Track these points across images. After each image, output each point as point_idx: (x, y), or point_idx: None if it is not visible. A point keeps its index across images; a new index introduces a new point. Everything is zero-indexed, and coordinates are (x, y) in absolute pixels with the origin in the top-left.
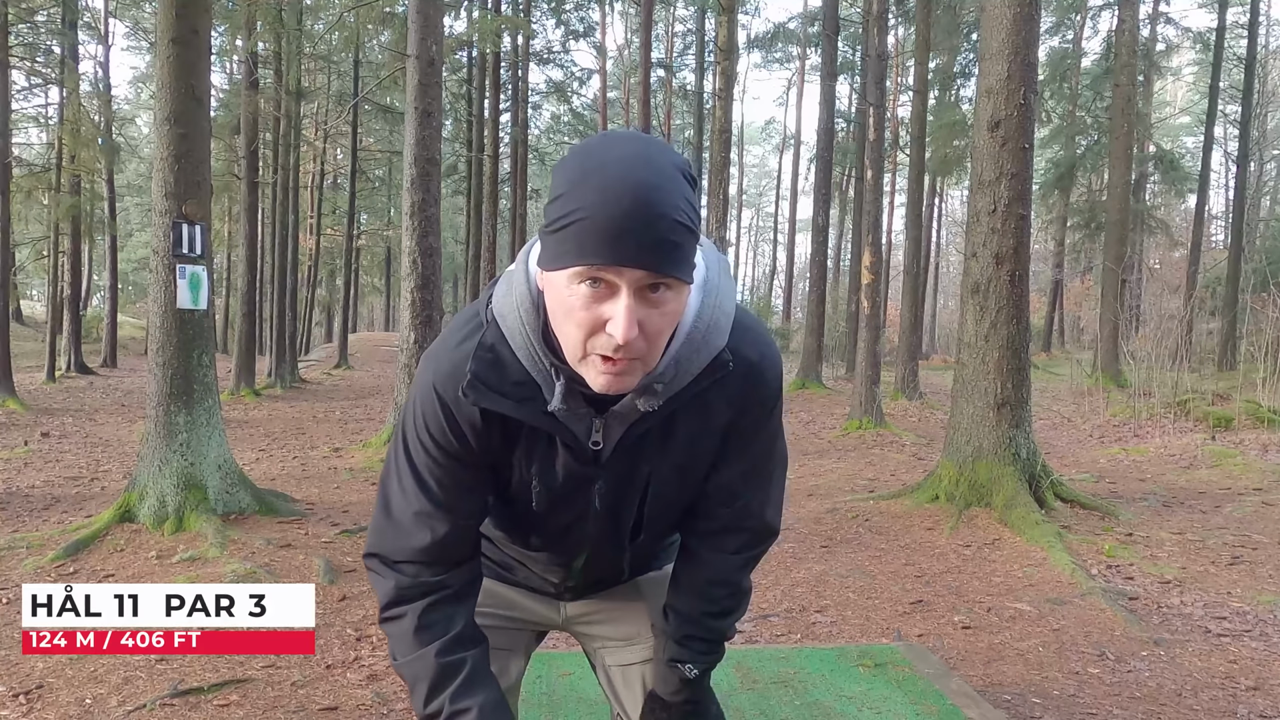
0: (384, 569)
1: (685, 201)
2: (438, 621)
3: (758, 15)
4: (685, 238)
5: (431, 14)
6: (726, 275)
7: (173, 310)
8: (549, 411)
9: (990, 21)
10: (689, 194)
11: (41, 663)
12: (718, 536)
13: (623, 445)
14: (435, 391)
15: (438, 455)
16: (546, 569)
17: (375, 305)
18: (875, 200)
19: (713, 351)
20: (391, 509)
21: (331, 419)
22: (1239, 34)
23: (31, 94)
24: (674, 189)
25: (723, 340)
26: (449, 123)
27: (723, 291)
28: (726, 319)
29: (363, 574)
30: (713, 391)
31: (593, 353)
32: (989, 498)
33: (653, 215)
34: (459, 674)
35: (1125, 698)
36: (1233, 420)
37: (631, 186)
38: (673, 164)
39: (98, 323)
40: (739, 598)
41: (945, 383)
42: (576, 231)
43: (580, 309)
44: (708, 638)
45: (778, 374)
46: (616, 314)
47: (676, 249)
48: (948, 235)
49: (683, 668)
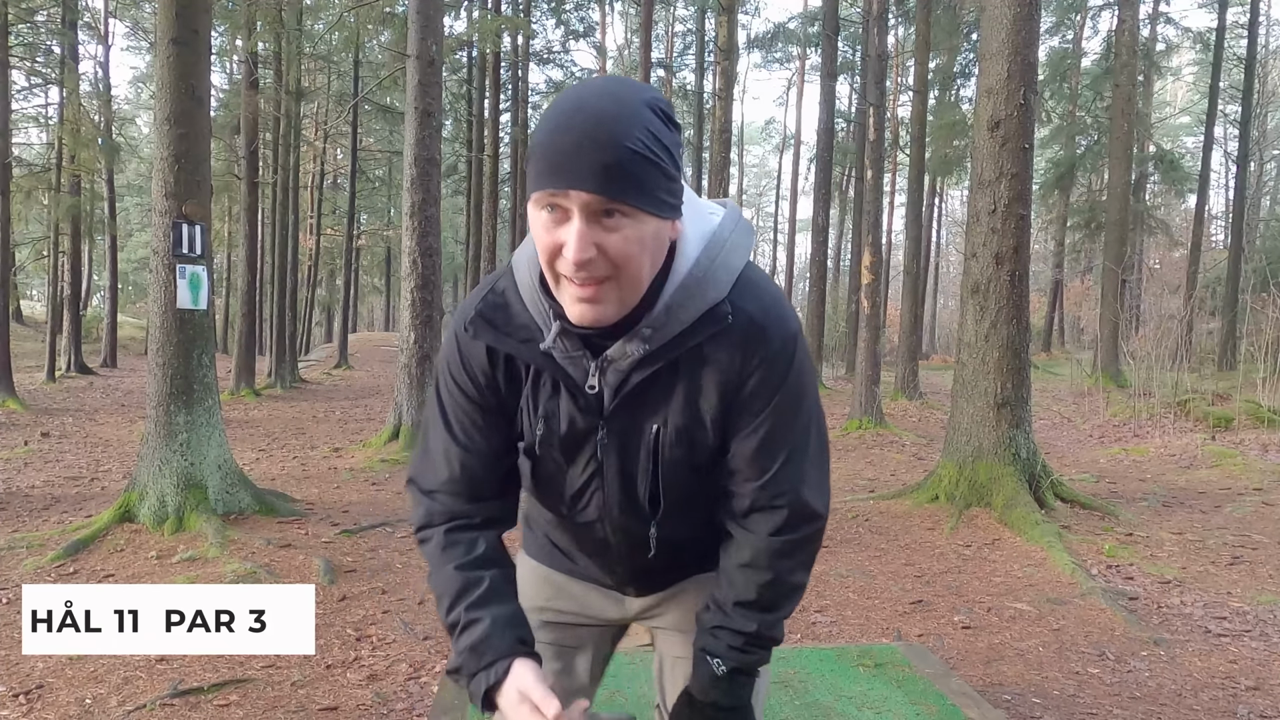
0: (418, 495)
1: (645, 132)
2: (460, 543)
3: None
4: (639, 165)
5: (431, 14)
6: (743, 235)
7: (173, 310)
8: (547, 352)
9: (990, 21)
10: (655, 127)
11: (41, 663)
12: (748, 517)
13: (623, 396)
14: (454, 335)
15: (458, 396)
16: (593, 553)
17: (375, 305)
18: (875, 200)
19: (708, 302)
20: (427, 441)
21: (331, 419)
22: (1239, 34)
23: (31, 94)
24: (632, 119)
25: (720, 293)
26: (449, 123)
27: (732, 247)
28: (729, 273)
29: (362, 574)
30: (711, 346)
31: (562, 275)
32: (989, 498)
33: (600, 140)
34: (477, 589)
35: (1125, 698)
36: (1233, 420)
37: (585, 115)
38: (640, 99)
39: (98, 323)
40: (778, 589)
41: (945, 383)
42: (534, 160)
43: (544, 234)
44: (740, 630)
45: (786, 334)
46: (569, 236)
47: (626, 175)
48: (948, 235)
49: (710, 661)
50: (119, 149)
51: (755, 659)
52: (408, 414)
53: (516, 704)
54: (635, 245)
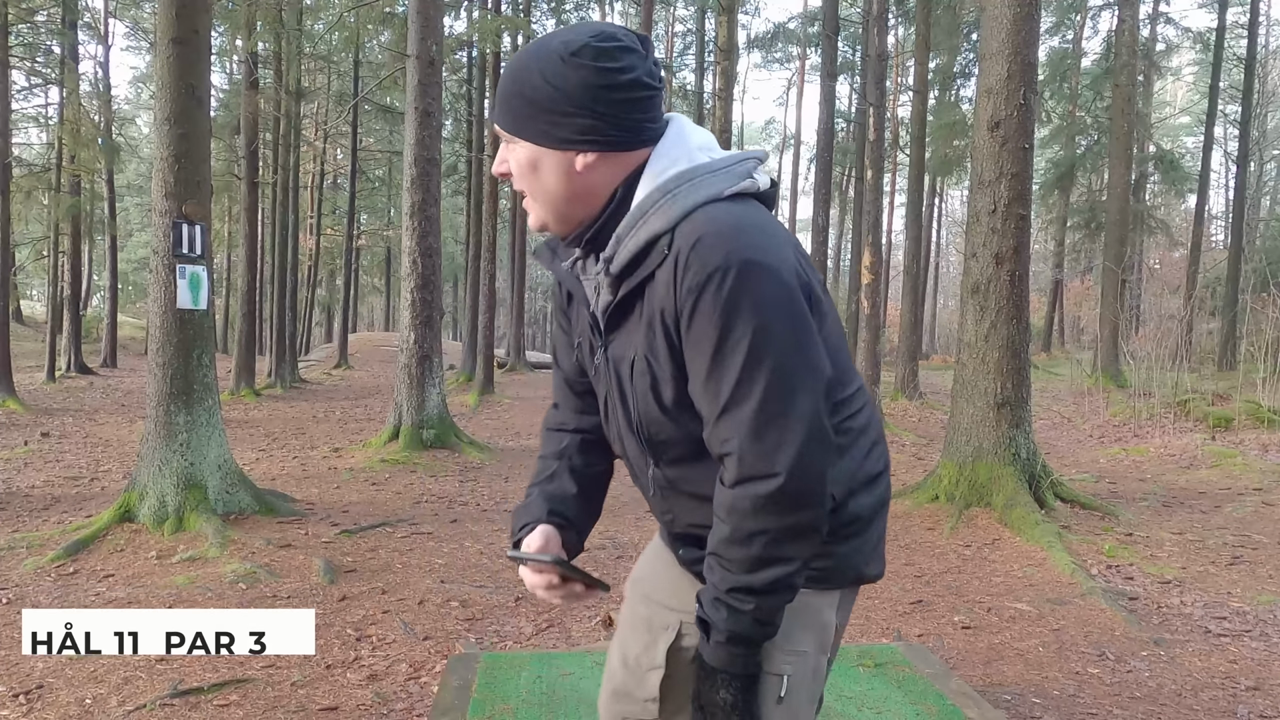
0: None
1: (536, 75)
2: (550, 440)
3: (758, 15)
4: (515, 101)
5: (431, 14)
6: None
7: (173, 310)
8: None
9: (990, 21)
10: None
11: (41, 663)
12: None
13: (607, 321)
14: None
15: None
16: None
17: (375, 305)
18: (875, 200)
19: (651, 232)
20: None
21: (331, 419)
22: (1239, 34)
23: (31, 94)
24: (534, 65)
25: (664, 225)
26: (449, 123)
27: (697, 184)
28: (680, 208)
29: (362, 574)
30: (659, 276)
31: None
32: (989, 498)
33: (505, 77)
34: (545, 472)
35: (1125, 698)
36: (1233, 420)
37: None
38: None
39: (98, 323)
40: (737, 549)
41: (945, 383)
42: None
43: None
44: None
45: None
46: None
47: (507, 109)
48: (948, 235)
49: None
50: (119, 149)
51: (722, 618)
52: (408, 414)
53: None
54: (523, 168)
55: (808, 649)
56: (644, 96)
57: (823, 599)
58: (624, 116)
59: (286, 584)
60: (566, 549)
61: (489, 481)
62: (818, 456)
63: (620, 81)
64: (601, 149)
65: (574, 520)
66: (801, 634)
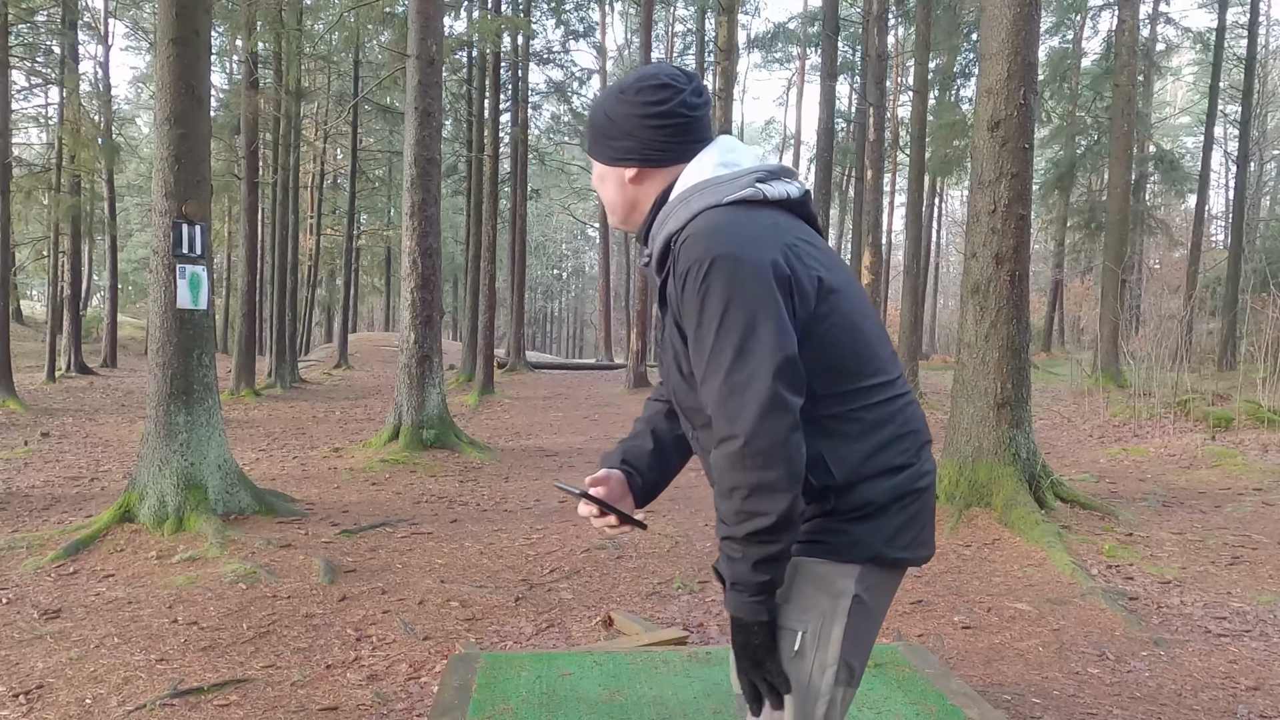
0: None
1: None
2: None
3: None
4: (589, 130)
5: (431, 14)
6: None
7: (173, 310)
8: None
9: (990, 21)
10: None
11: (41, 663)
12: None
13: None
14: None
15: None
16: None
17: (375, 305)
18: (875, 200)
19: (666, 232)
20: None
21: (331, 419)
22: (1239, 34)
23: (31, 94)
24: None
25: (676, 225)
26: (449, 123)
27: (705, 192)
28: (689, 212)
29: (362, 574)
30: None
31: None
32: (989, 498)
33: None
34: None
35: (1125, 698)
36: (1233, 420)
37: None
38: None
39: (98, 323)
40: (726, 502)
41: (945, 383)
42: None
43: None
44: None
45: (692, 258)
46: None
47: (586, 136)
48: (948, 235)
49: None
50: (119, 149)
51: (725, 568)
52: (408, 414)
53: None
54: (606, 188)
55: (821, 611)
56: (677, 123)
57: (837, 569)
58: (658, 139)
59: (286, 584)
60: (635, 494)
61: (489, 481)
62: (774, 423)
63: (654, 112)
64: (640, 164)
65: (643, 472)
66: (815, 596)
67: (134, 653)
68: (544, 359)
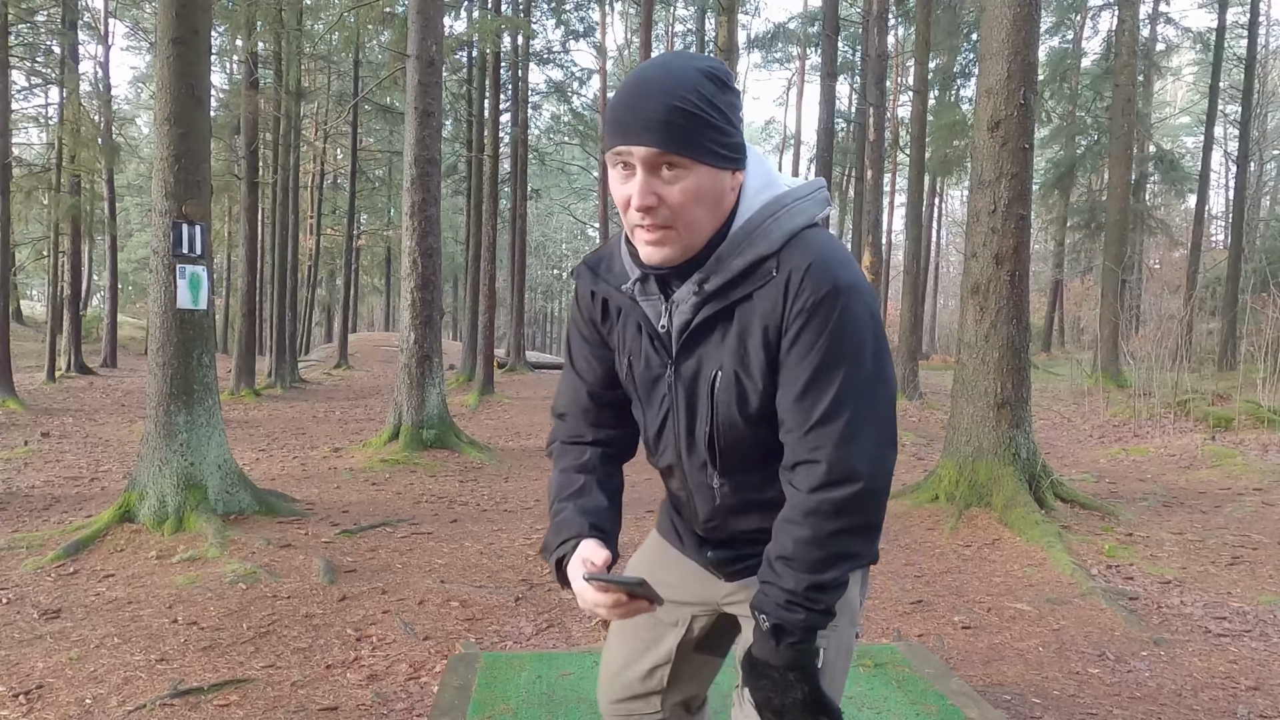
0: (553, 417)
1: (694, 92)
2: (569, 453)
3: (758, 15)
4: (687, 119)
5: (431, 14)
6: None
7: (173, 310)
8: (629, 294)
9: (990, 21)
10: (706, 89)
11: (41, 663)
12: (794, 470)
13: (685, 339)
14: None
15: (575, 333)
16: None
17: (375, 305)
18: (875, 200)
19: (757, 254)
20: (563, 375)
21: (331, 419)
22: (1239, 34)
23: (31, 94)
24: (681, 81)
25: (770, 248)
26: (449, 123)
27: (795, 210)
28: (782, 231)
29: (363, 574)
30: (759, 296)
31: (633, 225)
32: (989, 498)
33: (654, 98)
34: (572, 486)
35: (1125, 698)
36: (1233, 420)
37: (641, 79)
38: (692, 67)
39: (98, 323)
40: (814, 550)
41: (945, 383)
42: (606, 122)
43: (617, 188)
44: (780, 586)
45: (828, 286)
46: (633, 187)
47: (677, 129)
48: (948, 235)
49: (758, 616)
50: (119, 149)
51: (798, 619)
52: (408, 414)
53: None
54: (690, 194)
55: (840, 623)
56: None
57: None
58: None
59: (286, 584)
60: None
61: (489, 481)
62: (890, 461)
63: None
64: (741, 167)
65: (611, 533)
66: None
67: (134, 653)
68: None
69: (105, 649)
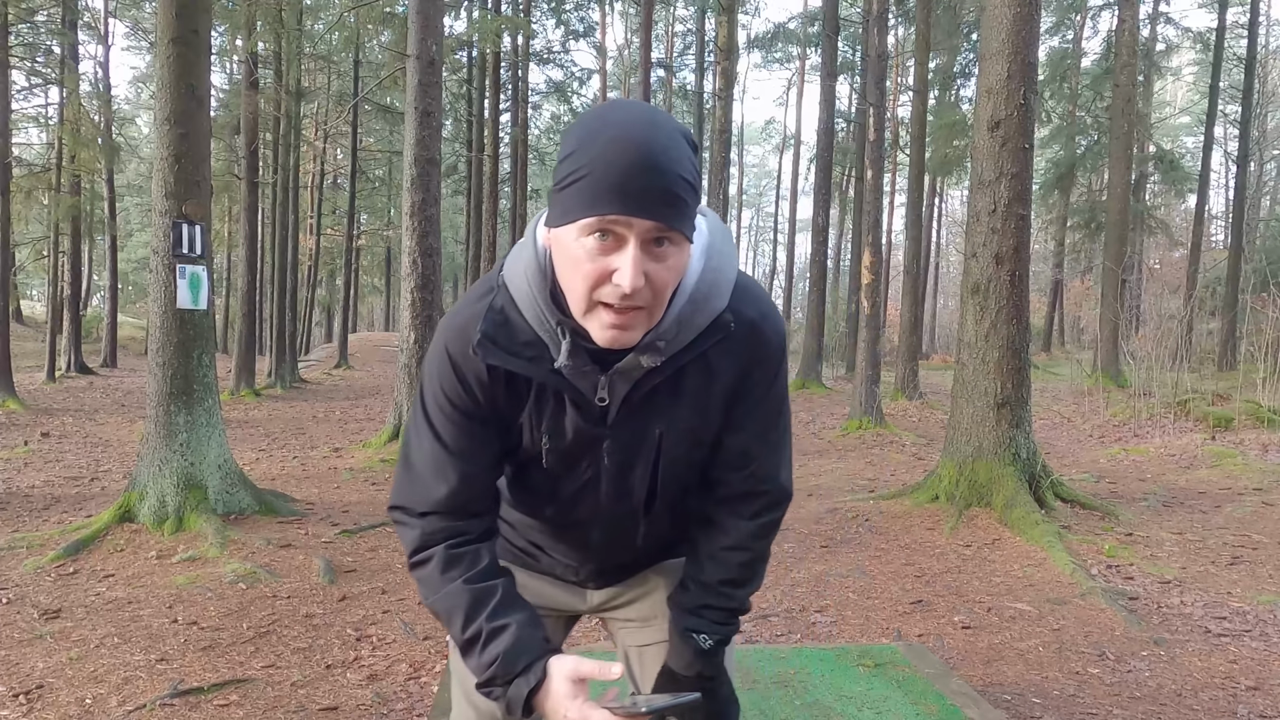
0: (409, 519)
1: (689, 161)
2: (463, 558)
3: (758, 15)
4: (689, 194)
5: (431, 14)
6: (729, 242)
7: (173, 310)
8: (556, 369)
9: (990, 21)
10: (691, 156)
11: (41, 663)
12: (735, 502)
13: (629, 404)
14: (446, 351)
15: (450, 411)
16: (566, 552)
17: (375, 305)
18: (875, 200)
19: (713, 312)
20: (412, 463)
21: (331, 419)
22: (1239, 34)
23: (31, 94)
24: (679, 148)
25: (723, 302)
26: (449, 123)
27: (725, 256)
28: (727, 283)
29: (362, 574)
30: (716, 352)
31: (599, 302)
32: (989, 498)
33: (661, 169)
34: (493, 598)
35: (1125, 698)
36: (1233, 420)
37: (639, 143)
38: (675, 128)
39: (98, 323)
40: (756, 565)
41: (945, 383)
42: (589, 184)
43: (587, 261)
44: (724, 606)
45: (780, 335)
46: (624, 264)
47: (682, 204)
48: (948, 235)
49: (697, 638)
50: (119, 149)
51: (734, 630)
52: (408, 414)
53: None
54: (675, 271)
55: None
56: None
57: None
58: None
59: (286, 584)
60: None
61: None
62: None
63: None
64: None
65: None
66: None
67: (134, 653)
68: None
69: (105, 649)
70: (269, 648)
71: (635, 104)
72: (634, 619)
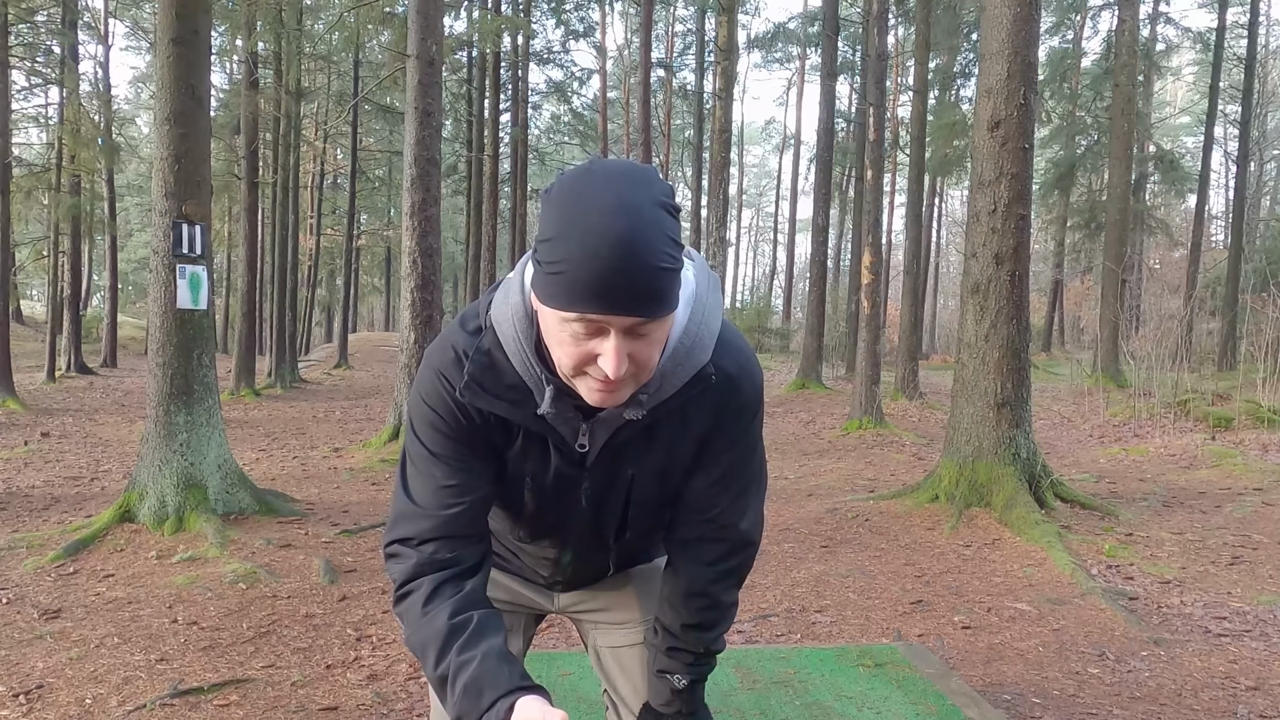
0: (405, 550)
1: (669, 242)
2: (448, 590)
3: (758, 15)
4: (669, 281)
5: (431, 14)
6: (715, 292)
7: (173, 310)
8: (540, 415)
9: (990, 21)
10: (672, 231)
11: (41, 662)
12: (694, 546)
13: (608, 449)
14: (440, 377)
15: (443, 440)
16: (537, 562)
17: (375, 305)
18: (875, 200)
19: (696, 366)
20: (411, 493)
21: (331, 419)
22: (1239, 34)
23: (31, 94)
24: (656, 234)
25: (706, 356)
26: (449, 123)
27: (710, 308)
28: (711, 336)
29: (363, 574)
30: (693, 402)
31: (580, 375)
32: (989, 498)
33: (637, 269)
34: (466, 630)
35: (1125, 698)
36: (1233, 420)
37: (614, 242)
38: (654, 202)
39: (98, 323)
40: (719, 611)
41: (945, 383)
42: (566, 282)
43: (571, 344)
44: (691, 649)
45: (756, 388)
46: (606, 352)
47: (662, 293)
48: (948, 235)
49: (671, 678)
50: (119, 149)
51: (709, 668)
52: (407, 414)
53: None
54: (659, 344)
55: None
56: None
57: None
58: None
59: (286, 584)
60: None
61: None
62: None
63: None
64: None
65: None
66: None
67: (134, 653)
68: None
69: (105, 649)
70: (269, 648)
71: (614, 175)
72: (604, 622)
